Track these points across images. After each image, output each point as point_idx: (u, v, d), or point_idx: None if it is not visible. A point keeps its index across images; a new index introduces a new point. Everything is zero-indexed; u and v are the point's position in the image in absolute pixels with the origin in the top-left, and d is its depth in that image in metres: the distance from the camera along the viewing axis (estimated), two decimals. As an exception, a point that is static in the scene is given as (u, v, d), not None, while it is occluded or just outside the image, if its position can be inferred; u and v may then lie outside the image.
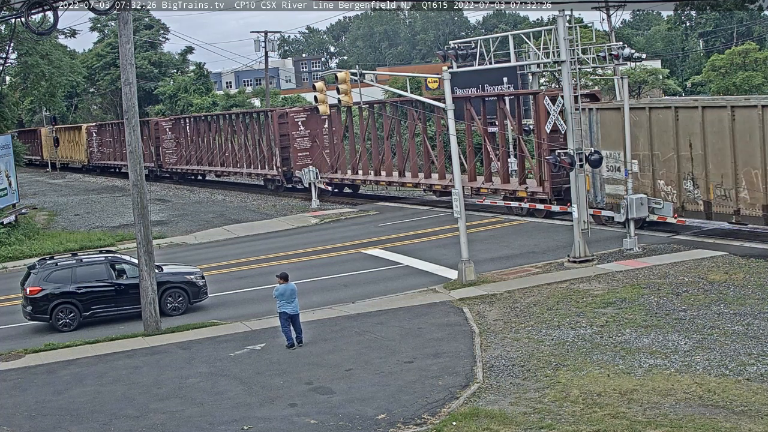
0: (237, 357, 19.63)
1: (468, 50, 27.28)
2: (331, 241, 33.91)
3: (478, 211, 36.49)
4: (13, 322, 24.93)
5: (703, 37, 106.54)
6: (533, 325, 20.11)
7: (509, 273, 25.76)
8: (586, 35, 45.41)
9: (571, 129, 26.18)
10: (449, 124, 25.87)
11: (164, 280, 24.27)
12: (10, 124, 47.48)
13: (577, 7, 51.89)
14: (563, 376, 16.49)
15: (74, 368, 19.80)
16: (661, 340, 18.22)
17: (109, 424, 16.03)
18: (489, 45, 27.35)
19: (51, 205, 52.94)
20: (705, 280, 22.79)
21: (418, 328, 20.74)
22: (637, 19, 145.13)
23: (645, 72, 67.84)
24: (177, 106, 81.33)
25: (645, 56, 33.51)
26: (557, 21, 25.63)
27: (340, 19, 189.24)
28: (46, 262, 24.66)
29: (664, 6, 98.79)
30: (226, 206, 47.89)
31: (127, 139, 22.79)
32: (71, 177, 75.25)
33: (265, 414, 15.88)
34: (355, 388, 16.89)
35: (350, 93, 27.20)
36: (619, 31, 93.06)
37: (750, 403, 14.50)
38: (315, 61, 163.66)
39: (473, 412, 14.96)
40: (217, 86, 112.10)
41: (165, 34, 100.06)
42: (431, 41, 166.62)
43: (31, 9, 22.90)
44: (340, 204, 45.03)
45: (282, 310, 19.95)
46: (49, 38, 46.68)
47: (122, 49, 22.47)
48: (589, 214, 27.60)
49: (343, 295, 25.16)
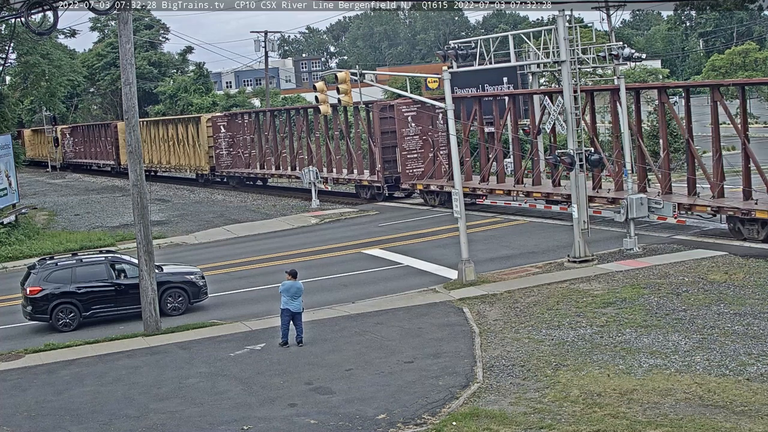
0: (237, 357, 19.62)
1: (468, 50, 27.26)
2: (331, 241, 33.91)
3: (478, 211, 36.49)
4: (13, 322, 24.92)
5: (703, 37, 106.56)
6: (533, 325, 20.11)
7: (509, 273, 25.76)
8: (586, 35, 45.43)
9: (572, 129, 26.18)
10: (449, 124, 25.87)
11: (164, 280, 24.25)
12: (10, 124, 47.42)
13: (577, 7, 51.92)
14: (563, 376, 16.49)
15: (74, 368, 19.79)
16: (661, 340, 18.22)
17: (109, 424, 16.02)
18: (489, 45, 27.33)
19: (51, 205, 52.94)
20: (705, 280, 22.79)
21: (418, 328, 20.73)
22: (637, 19, 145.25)
23: (645, 72, 67.88)
24: (177, 106, 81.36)
25: (645, 56, 33.50)
26: (557, 21, 25.62)
27: (340, 19, 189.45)
28: (46, 262, 24.64)
29: (664, 6, 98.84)
30: (226, 206, 47.88)
31: (126, 139, 22.76)
32: (71, 177, 75.28)
33: (265, 414, 15.88)
34: (355, 388, 16.89)
35: (350, 93, 27.21)
36: (619, 31, 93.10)
37: (750, 403, 14.50)
38: (315, 61, 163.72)
39: (473, 412, 14.96)
40: (217, 86, 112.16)
41: (165, 34, 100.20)
42: (431, 41, 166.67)
43: (31, 9, 22.90)
44: (340, 204, 45.01)
45: (284, 307, 20.03)
46: (49, 38, 46.72)
47: (122, 49, 22.46)
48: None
49: (343, 295, 25.16)
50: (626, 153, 28.39)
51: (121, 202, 51.88)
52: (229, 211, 45.84)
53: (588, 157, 26.19)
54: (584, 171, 26.61)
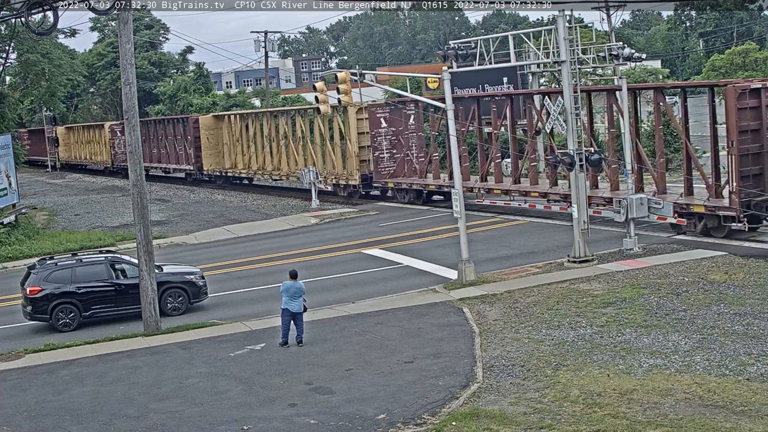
0: (237, 357, 19.63)
1: (468, 50, 27.27)
2: (331, 241, 33.91)
3: (478, 211, 36.49)
4: (13, 322, 24.92)
5: (703, 37, 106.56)
6: (533, 325, 20.11)
7: (509, 273, 25.76)
8: (586, 35, 45.39)
9: (572, 129, 26.17)
10: (449, 125, 25.87)
11: (164, 280, 24.26)
12: (10, 124, 47.35)
13: (577, 7, 51.83)
14: (563, 376, 16.49)
15: (74, 368, 19.80)
16: (661, 340, 18.22)
17: (109, 424, 16.02)
18: (489, 45, 27.33)
19: (51, 205, 52.96)
20: (705, 280, 22.79)
21: (418, 328, 20.73)
22: (637, 19, 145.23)
23: (645, 72, 67.84)
24: (177, 106, 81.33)
25: (645, 56, 33.46)
26: (557, 21, 25.62)
27: (340, 19, 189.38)
28: (46, 262, 24.65)
29: (664, 6, 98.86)
30: (226, 206, 47.88)
31: (127, 139, 22.77)
32: (71, 177, 75.28)
33: (265, 414, 15.88)
34: (355, 388, 16.89)
35: (350, 93, 27.21)
36: (619, 31, 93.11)
37: (750, 403, 14.50)
38: (315, 61, 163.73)
39: (473, 412, 14.96)
40: (217, 86, 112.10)
41: (165, 34, 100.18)
42: (431, 41, 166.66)
43: (31, 9, 22.90)
44: (340, 204, 45.02)
45: (284, 307, 20.08)
46: (49, 38, 46.64)
47: (122, 49, 22.46)
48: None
49: (343, 295, 25.15)
50: (627, 153, 28.38)
51: (121, 202, 51.89)
52: (228, 211, 45.84)
53: (588, 157, 26.20)
54: (584, 171, 26.62)
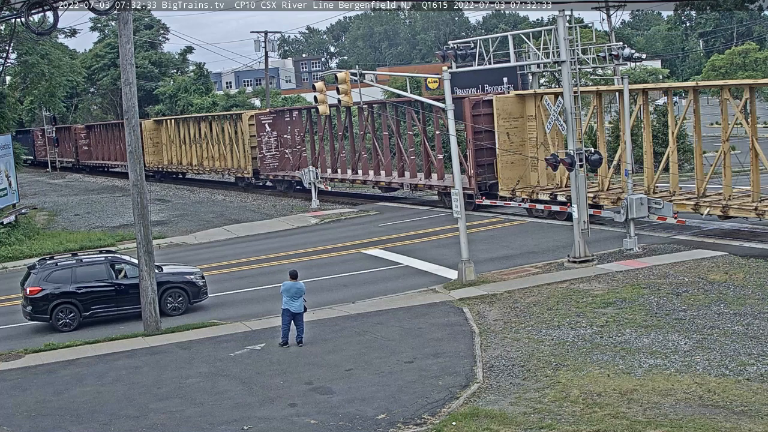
0: (237, 357, 19.63)
1: (468, 50, 27.28)
2: (331, 241, 33.91)
3: (478, 211, 36.49)
4: (13, 322, 24.93)
5: (703, 37, 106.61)
6: (533, 325, 20.11)
7: (509, 273, 25.76)
8: (586, 35, 45.40)
9: (572, 129, 26.17)
10: (449, 125, 25.87)
11: (164, 280, 24.26)
12: (10, 124, 47.33)
13: (577, 7, 51.90)
14: (563, 376, 16.49)
15: (74, 368, 19.79)
16: (661, 340, 18.22)
17: (109, 424, 16.02)
18: (489, 45, 27.35)
19: (51, 205, 52.93)
20: (705, 280, 22.79)
21: (418, 328, 20.73)
22: (637, 19, 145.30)
23: (645, 72, 67.81)
24: (177, 106, 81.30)
25: (645, 56, 33.51)
26: (557, 21, 25.63)
27: (340, 19, 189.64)
28: (46, 262, 24.64)
29: (664, 6, 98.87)
30: (226, 206, 47.88)
31: (127, 139, 22.75)
32: (71, 177, 75.27)
33: (265, 414, 15.88)
34: (355, 388, 16.89)
35: (350, 93, 27.20)
36: (619, 31, 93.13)
37: (750, 403, 14.50)
38: (315, 61, 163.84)
39: (473, 412, 14.95)
40: (217, 86, 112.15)
41: (165, 34, 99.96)
42: (431, 41, 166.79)
43: (31, 9, 22.88)
44: (340, 204, 45.01)
45: (285, 307, 20.10)
46: (49, 38, 46.62)
47: (122, 49, 22.46)
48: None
49: (343, 295, 25.16)
50: (627, 154, 28.40)
51: (121, 202, 51.87)
52: (228, 211, 45.84)
53: (588, 157, 26.20)
54: (584, 171, 26.63)
